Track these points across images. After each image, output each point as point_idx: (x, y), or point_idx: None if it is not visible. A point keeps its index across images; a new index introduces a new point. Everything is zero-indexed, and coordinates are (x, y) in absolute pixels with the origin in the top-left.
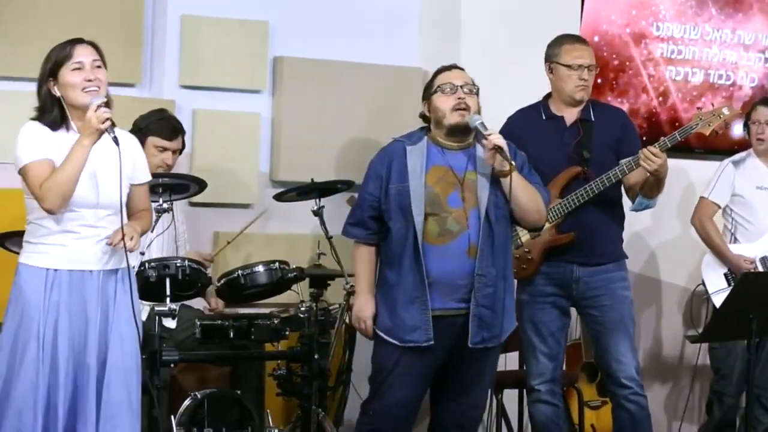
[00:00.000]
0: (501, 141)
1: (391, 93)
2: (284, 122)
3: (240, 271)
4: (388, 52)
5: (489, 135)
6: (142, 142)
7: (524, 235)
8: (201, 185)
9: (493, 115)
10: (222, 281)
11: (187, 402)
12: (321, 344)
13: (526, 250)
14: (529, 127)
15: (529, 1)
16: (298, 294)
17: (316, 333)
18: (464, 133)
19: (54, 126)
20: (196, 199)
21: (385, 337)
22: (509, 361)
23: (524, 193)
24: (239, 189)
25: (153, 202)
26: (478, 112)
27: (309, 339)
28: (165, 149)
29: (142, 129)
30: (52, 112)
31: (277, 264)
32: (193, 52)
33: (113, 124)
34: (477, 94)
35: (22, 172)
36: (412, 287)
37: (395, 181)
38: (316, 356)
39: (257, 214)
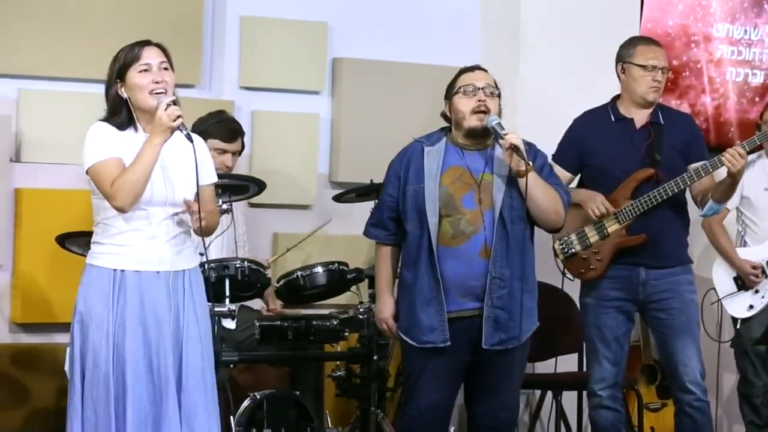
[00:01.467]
0: (517, 140)
1: None
2: (343, 123)
3: (299, 272)
4: (448, 53)
5: (506, 135)
6: None
7: (593, 237)
8: (260, 186)
9: (553, 115)
10: (281, 282)
11: (246, 403)
12: (380, 345)
13: (595, 251)
14: (596, 128)
15: (588, 2)
16: (357, 295)
17: (375, 334)
18: (483, 136)
19: (122, 127)
20: (256, 200)
21: (406, 339)
22: (568, 363)
23: (542, 194)
24: (298, 190)
25: None
26: (499, 114)
27: (368, 340)
28: (224, 151)
29: (201, 131)
30: (121, 114)
31: (336, 265)
32: (252, 53)
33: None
34: (499, 96)
35: (92, 171)
36: (428, 288)
37: (412, 182)
38: (375, 357)
39: (320, 222)
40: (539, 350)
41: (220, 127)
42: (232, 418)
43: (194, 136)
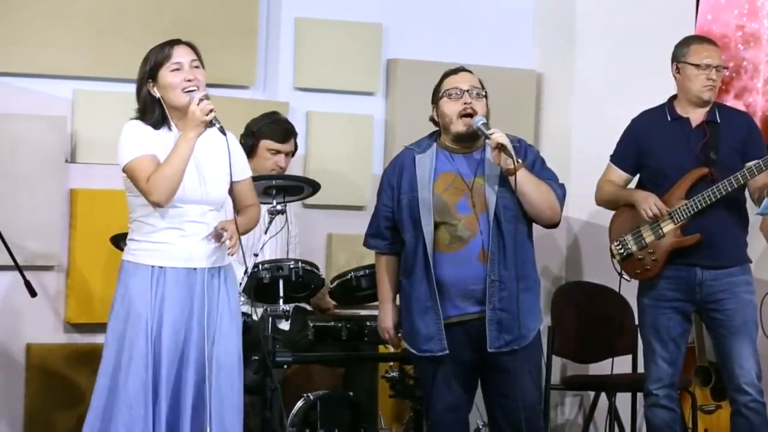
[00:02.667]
0: (503, 139)
1: (505, 95)
2: (397, 124)
3: (353, 273)
4: (502, 54)
5: (492, 134)
6: (255, 146)
7: (649, 237)
8: (314, 187)
9: (607, 114)
10: (335, 283)
11: (299, 403)
12: None
13: (651, 251)
14: (654, 128)
15: (644, 3)
16: None
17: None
18: (472, 139)
19: (156, 126)
20: (310, 200)
21: (408, 347)
22: (622, 364)
23: (534, 190)
24: (352, 191)
25: (266, 204)
26: (486, 115)
27: None
28: (278, 152)
29: (254, 132)
30: (154, 113)
31: None
32: (307, 54)
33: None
34: (485, 97)
35: (128, 168)
36: (425, 297)
37: (405, 192)
38: (413, 361)
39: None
40: (593, 351)
41: (273, 127)
42: (285, 419)
43: (230, 136)
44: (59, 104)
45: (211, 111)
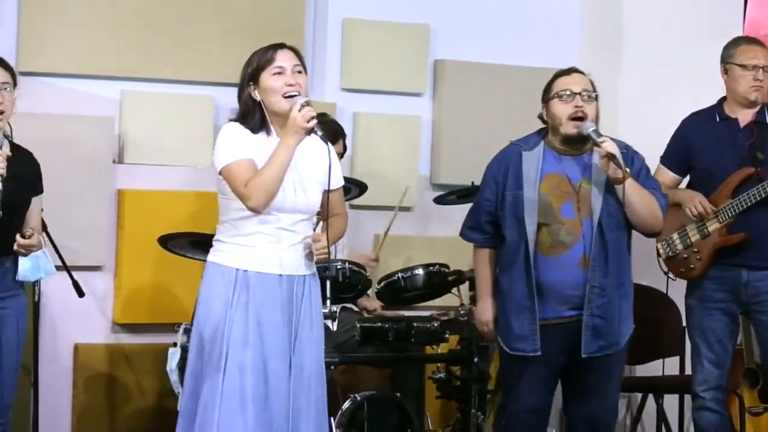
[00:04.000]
0: (613, 148)
1: None
2: (445, 125)
3: (400, 274)
4: (549, 55)
5: (602, 142)
6: None
7: (694, 236)
8: (362, 188)
9: (654, 115)
10: (382, 284)
11: (346, 404)
12: (480, 347)
13: (695, 250)
14: (702, 129)
15: (691, 4)
16: (458, 297)
17: (476, 336)
18: (580, 142)
19: (255, 130)
20: (357, 201)
21: (500, 343)
22: (670, 366)
23: (639, 200)
24: (399, 192)
25: None
26: (597, 117)
27: (469, 342)
28: None
29: None
30: (254, 117)
31: (437, 267)
32: (354, 55)
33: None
34: (596, 99)
35: (225, 171)
36: (522, 296)
37: (510, 188)
38: (475, 359)
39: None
40: (640, 353)
41: (322, 128)
42: (332, 419)
43: (319, 141)
44: (107, 105)
45: (312, 118)
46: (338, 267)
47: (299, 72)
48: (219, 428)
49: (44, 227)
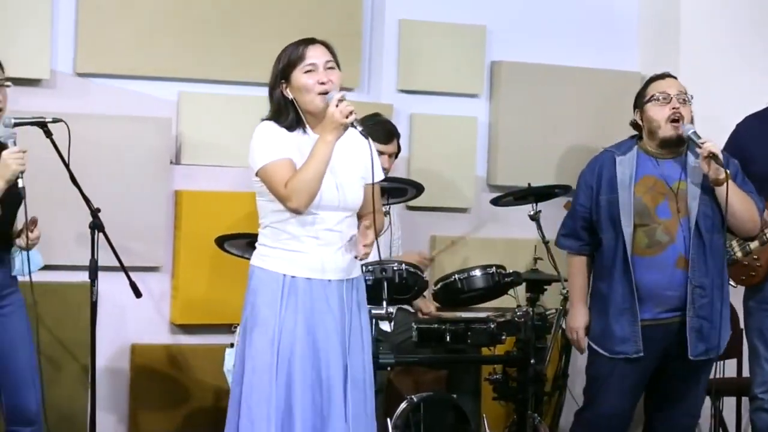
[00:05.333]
0: (715, 148)
1: (609, 98)
2: (501, 126)
3: (457, 275)
4: (606, 57)
5: (703, 143)
6: None
7: (753, 243)
8: (418, 189)
9: (713, 117)
10: (439, 285)
11: (403, 405)
12: (537, 349)
13: (755, 257)
14: (757, 133)
15: (749, 2)
16: (515, 298)
17: (533, 338)
18: (677, 144)
19: (291, 129)
20: (414, 202)
21: (597, 348)
22: (727, 368)
23: (739, 202)
24: (456, 193)
25: None
26: (691, 120)
27: (525, 344)
28: (381, 153)
29: None
30: (288, 116)
31: (493, 268)
32: (411, 56)
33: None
34: (690, 102)
35: (263, 172)
36: (622, 299)
37: (605, 192)
38: (532, 361)
39: (474, 226)
40: None
41: (375, 128)
42: (389, 420)
43: (357, 136)
44: (164, 106)
45: (351, 113)
46: (395, 268)
47: (331, 68)
48: None
49: (101, 228)
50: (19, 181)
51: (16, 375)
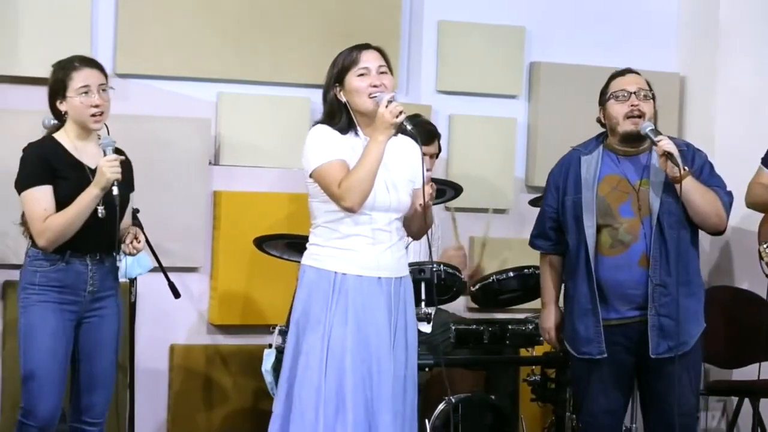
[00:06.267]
0: (671, 147)
1: None
2: (540, 127)
3: (495, 276)
4: (645, 57)
5: (659, 141)
6: None
7: None
8: (457, 190)
9: (754, 117)
10: (477, 286)
11: (441, 406)
12: None
13: None
14: None
15: None
16: None
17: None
18: (639, 140)
19: (343, 131)
20: (452, 203)
21: (568, 348)
22: (766, 370)
23: (700, 198)
24: (495, 194)
25: None
26: (654, 117)
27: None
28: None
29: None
30: (340, 118)
31: (531, 269)
32: (449, 57)
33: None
34: (653, 99)
35: (317, 173)
36: (585, 299)
37: (571, 193)
38: (569, 362)
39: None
40: (736, 357)
41: (416, 130)
42: (427, 421)
43: (406, 140)
44: (203, 107)
45: (401, 113)
46: (433, 269)
47: (384, 72)
48: None
49: (141, 227)
50: (114, 188)
51: (92, 377)
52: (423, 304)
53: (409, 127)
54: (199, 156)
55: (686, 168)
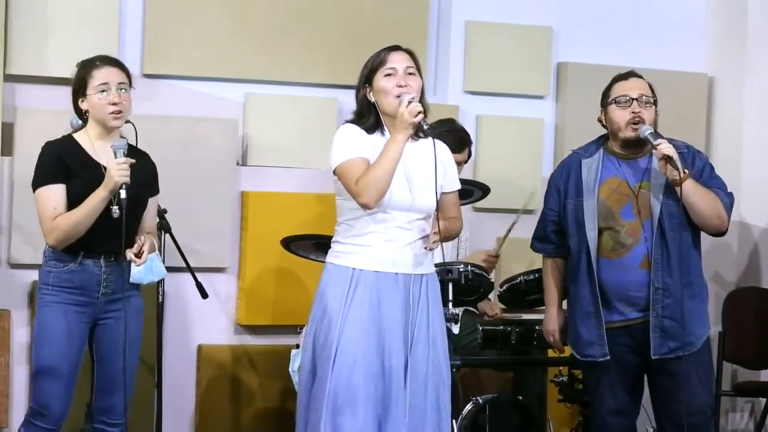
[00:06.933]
0: (670, 150)
1: (676, 99)
2: (568, 128)
3: (522, 277)
4: (673, 58)
5: (658, 145)
6: None
7: None
8: (485, 191)
9: None
10: (504, 287)
11: (468, 407)
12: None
13: None
14: None
15: None
16: None
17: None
18: (639, 145)
19: (370, 131)
20: (480, 204)
21: (573, 351)
22: None
23: (701, 200)
24: (523, 194)
25: None
26: (655, 122)
27: None
28: None
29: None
30: (369, 118)
31: None
32: (477, 58)
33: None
34: (655, 103)
35: (339, 170)
36: (587, 302)
37: (572, 196)
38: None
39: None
40: (765, 358)
41: (449, 136)
42: (454, 421)
43: (438, 142)
44: (231, 107)
45: (419, 113)
46: (460, 269)
47: (411, 74)
48: (325, 426)
49: (168, 229)
50: (121, 192)
51: (108, 379)
52: (450, 304)
53: (426, 127)
54: (227, 156)
55: (686, 171)
